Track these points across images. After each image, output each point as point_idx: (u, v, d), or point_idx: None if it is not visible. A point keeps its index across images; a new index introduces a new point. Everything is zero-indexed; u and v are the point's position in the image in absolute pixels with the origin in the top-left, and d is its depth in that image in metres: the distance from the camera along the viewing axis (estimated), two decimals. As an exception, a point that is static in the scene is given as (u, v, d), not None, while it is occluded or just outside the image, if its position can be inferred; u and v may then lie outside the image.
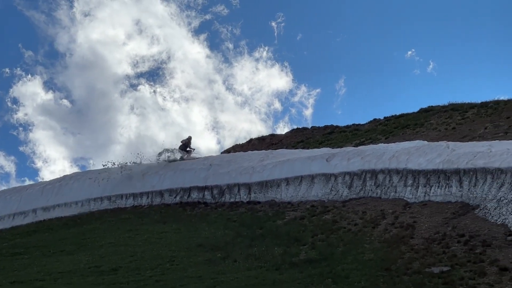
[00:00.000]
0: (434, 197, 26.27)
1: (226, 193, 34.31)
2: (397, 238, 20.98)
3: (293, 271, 18.03)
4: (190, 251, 22.00)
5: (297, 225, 25.58)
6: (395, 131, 43.56)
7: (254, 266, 19.11)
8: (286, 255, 20.18)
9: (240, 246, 22.34)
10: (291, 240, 22.69)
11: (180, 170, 37.64)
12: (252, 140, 53.52)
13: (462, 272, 16.32)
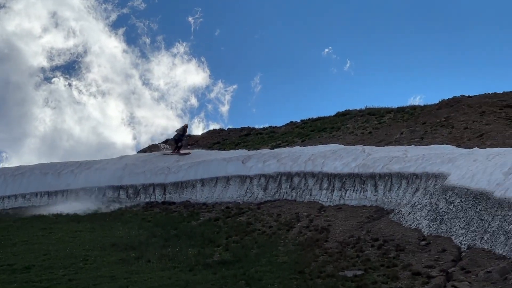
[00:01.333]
0: (349, 201, 26.95)
1: (141, 193, 34.52)
2: (311, 241, 21.34)
3: (207, 272, 18.13)
4: (104, 251, 21.94)
5: (211, 226, 25.83)
6: (311, 134, 44.27)
7: (167, 267, 19.18)
8: (200, 256, 20.31)
9: (154, 246, 22.40)
10: (205, 241, 22.88)
11: (95, 169, 37.45)
12: (168, 140, 53.53)
13: (375, 276, 16.75)
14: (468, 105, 38.67)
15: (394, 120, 41.47)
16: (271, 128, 51.06)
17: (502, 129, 33.40)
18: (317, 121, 48.49)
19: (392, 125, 40.11)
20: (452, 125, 35.90)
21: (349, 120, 45.20)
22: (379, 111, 45.30)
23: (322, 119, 48.55)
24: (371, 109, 46.57)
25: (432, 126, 36.84)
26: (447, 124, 36.45)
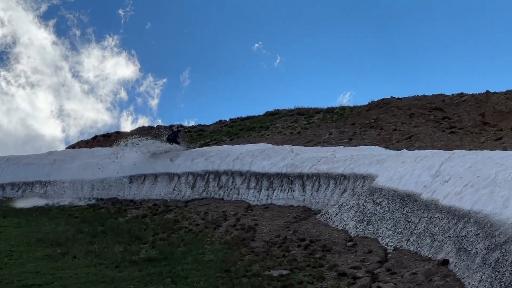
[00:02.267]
0: (277, 200, 27.20)
1: (69, 189, 34.56)
2: (238, 240, 21.35)
3: (133, 269, 17.94)
4: (29, 246, 21.70)
5: (138, 223, 25.76)
6: (240, 133, 44.65)
7: (93, 263, 18.98)
8: (127, 253, 20.15)
9: (81, 242, 22.23)
10: (132, 238, 22.78)
11: (23, 164, 37.46)
12: (97, 136, 53.49)
13: (301, 276, 16.79)
14: (397, 107, 39.43)
15: (323, 120, 41.88)
16: (200, 126, 51.36)
17: (430, 131, 34.18)
18: (246, 120, 48.75)
19: (321, 125, 40.51)
20: (381, 127, 36.50)
21: (278, 119, 45.50)
22: (308, 111, 45.73)
23: (251, 118, 48.83)
24: (300, 109, 46.99)
25: (361, 127, 37.36)
26: (376, 125, 37.02)
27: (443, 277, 15.15)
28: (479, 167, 17.69)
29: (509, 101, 37.90)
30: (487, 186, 15.81)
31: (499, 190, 15.06)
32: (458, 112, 38.13)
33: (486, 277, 13.44)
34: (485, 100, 39.19)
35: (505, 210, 13.98)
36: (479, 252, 14.27)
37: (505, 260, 12.93)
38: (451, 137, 32.61)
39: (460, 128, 34.91)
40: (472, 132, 34.00)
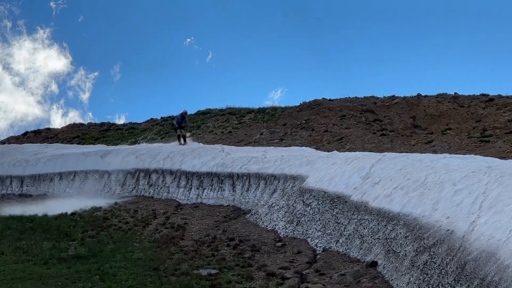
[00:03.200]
0: (207, 199, 26.92)
1: None
2: (167, 238, 20.96)
3: (61, 266, 17.50)
4: (-45, 243, 20.99)
5: (67, 220, 25.09)
6: (171, 132, 44.11)
7: (21, 260, 18.50)
8: (55, 250, 19.63)
9: (9, 238, 21.67)
10: (60, 235, 22.19)
11: None
12: (27, 133, 52.87)
13: (230, 275, 16.57)
14: (329, 108, 39.64)
15: (254, 120, 41.88)
16: (131, 124, 51.32)
17: (361, 133, 34.44)
18: None
19: (252, 125, 40.49)
20: (312, 128, 36.60)
21: (210, 119, 45.45)
22: (240, 111, 45.78)
23: None
24: (232, 108, 47.02)
25: (292, 128, 37.41)
26: (307, 126, 37.12)
27: (372, 278, 15.06)
28: (409, 169, 17.71)
29: (440, 104, 38.55)
30: (417, 188, 15.80)
31: (429, 193, 15.05)
32: (390, 115, 38.58)
33: (414, 279, 13.37)
34: (416, 103, 39.74)
35: (434, 213, 13.95)
36: (408, 254, 14.20)
37: (433, 263, 12.88)
38: (382, 139, 32.91)
39: (391, 130, 35.30)
40: (403, 134, 34.41)
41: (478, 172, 14.95)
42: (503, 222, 11.24)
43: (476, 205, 12.73)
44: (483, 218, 12.02)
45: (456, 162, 17.54)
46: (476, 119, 35.30)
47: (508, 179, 13.29)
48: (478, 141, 30.11)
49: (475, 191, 13.45)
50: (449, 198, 14.01)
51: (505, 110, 35.36)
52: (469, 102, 38.55)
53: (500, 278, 10.20)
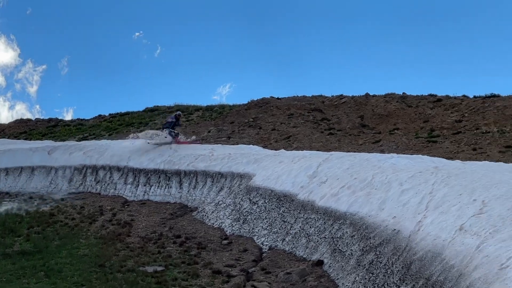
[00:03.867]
0: (154, 196, 26.56)
1: None
2: (113, 235, 20.56)
3: (6, 262, 17.10)
4: None
5: (13, 216, 24.51)
6: (119, 128, 43.89)
7: (-35, 256, 17.99)
8: (0, 246, 19.19)
9: (-46, 234, 20.91)
10: (6, 230, 21.67)
11: None
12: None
13: (176, 272, 16.29)
14: (276, 107, 39.52)
15: (202, 118, 41.61)
16: (79, 120, 50.87)
17: (309, 132, 34.36)
18: (125, 115, 48.42)
19: (200, 123, 40.22)
20: (260, 126, 36.44)
21: (157, 116, 45.06)
22: (188, 108, 45.51)
23: (131, 114, 48.58)
24: (180, 106, 46.73)
25: (240, 126, 37.19)
26: (255, 124, 36.95)
27: (317, 277, 14.87)
28: (356, 169, 17.56)
29: (388, 104, 38.72)
30: (363, 188, 15.65)
31: (376, 193, 14.92)
32: (337, 114, 38.61)
33: (360, 278, 13.22)
34: (364, 103, 39.84)
35: (380, 213, 13.81)
36: (354, 253, 14.04)
37: (379, 262, 12.73)
38: (329, 139, 32.86)
39: (339, 129, 35.31)
40: (350, 134, 34.42)
41: (425, 172, 14.86)
42: (449, 222, 11.14)
43: (423, 205, 12.62)
44: (429, 218, 11.91)
45: (403, 162, 17.45)
46: (424, 119, 35.53)
47: (454, 179, 13.23)
48: (425, 141, 30.27)
49: (422, 191, 13.36)
50: (396, 198, 13.90)
51: (453, 110, 35.69)
52: (417, 102, 38.81)
53: (445, 278, 10.08)
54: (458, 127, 32.25)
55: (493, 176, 12.66)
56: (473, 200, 11.42)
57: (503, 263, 8.68)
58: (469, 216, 10.84)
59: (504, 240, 9.29)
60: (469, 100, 37.17)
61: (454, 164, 16.75)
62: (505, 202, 10.65)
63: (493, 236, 9.67)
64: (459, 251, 10.10)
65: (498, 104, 33.78)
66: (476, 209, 10.94)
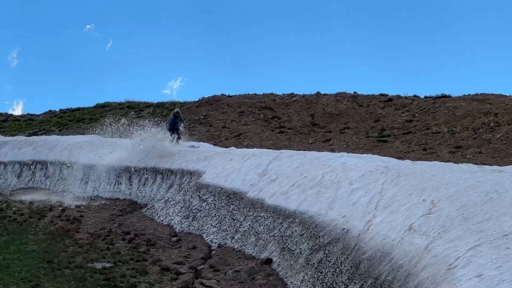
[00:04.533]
0: (103, 193, 26.36)
1: None
2: (62, 231, 20.09)
3: (-49, 259, 16.61)
4: None
5: (-42, 211, 23.92)
6: (69, 124, 43.55)
7: None
8: None
9: None
10: (-48, 226, 21.06)
11: None
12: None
13: (124, 269, 15.88)
14: (227, 104, 39.30)
15: (153, 114, 41.21)
16: (29, 115, 50.19)
17: (259, 130, 34.17)
18: (76, 111, 48.04)
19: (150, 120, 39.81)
20: (211, 123, 36.22)
21: (108, 112, 44.58)
22: (139, 105, 45.22)
23: (81, 110, 48.20)
24: (130, 102, 46.41)
25: (191, 123, 36.93)
26: (205, 122, 36.74)
27: (266, 276, 14.61)
28: (306, 167, 17.34)
29: (339, 103, 38.71)
30: (313, 187, 15.42)
31: (325, 191, 14.70)
32: (288, 112, 38.49)
33: (308, 277, 12.99)
34: (315, 102, 39.78)
35: (330, 212, 13.59)
36: (303, 252, 13.80)
37: (328, 261, 12.51)
38: (280, 137, 32.70)
39: (290, 128, 35.18)
40: (301, 132, 34.30)
41: (375, 171, 14.70)
42: (398, 222, 10.97)
43: (372, 205, 12.42)
44: (378, 218, 11.71)
45: (353, 161, 17.29)
46: (374, 118, 35.63)
47: (404, 179, 13.08)
48: (376, 140, 30.32)
49: (372, 190, 13.16)
50: (346, 197, 13.68)
51: (403, 110, 35.85)
52: (368, 101, 38.91)
53: (393, 278, 9.90)
54: (408, 127, 32.42)
55: (442, 177, 12.55)
56: (422, 200, 11.26)
57: (451, 263, 8.51)
58: (418, 216, 10.67)
59: (453, 240, 9.12)
60: (420, 100, 37.38)
61: (404, 164, 16.65)
62: (454, 202, 10.52)
63: (441, 236, 9.50)
64: (407, 251, 9.92)
65: (448, 105, 34.05)
66: (425, 209, 10.78)
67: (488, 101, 33.04)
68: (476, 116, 31.19)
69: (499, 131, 27.93)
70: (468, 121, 30.82)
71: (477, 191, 10.76)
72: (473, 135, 28.49)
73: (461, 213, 9.93)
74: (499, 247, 8.01)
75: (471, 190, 10.94)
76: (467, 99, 34.37)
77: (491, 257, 7.77)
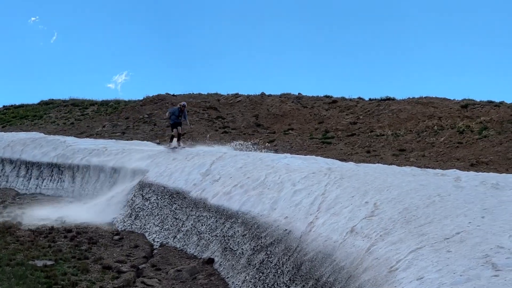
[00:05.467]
0: (46, 190, 25.82)
1: None
2: (3, 228, 19.48)
3: None
4: None
5: None
6: (13, 120, 42.67)
7: None
8: None
9: None
10: None
11: None
12: None
13: (66, 267, 15.35)
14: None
15: (97, 113, 40.64)
16: None
17: (203, 130, 33.86)
18: (19, 108, 47.00)
19: (95, 117, 39.30)
20: (155, 122, 35.85)
21: (52, 109, 43.74)
22: (83, 102, 44.62)
23: (25, 106, 47.22)
24: (75, 100, 45.79)
25: (135, 121, 36.48)
26: (149, 121, 36.38)
27: (208, 275, 14.30)
28: (249, 168, 17.10)
29: (283, 104, 38.59)
30: (256, 187, 15.19)
31: (268, 192, 14.47)
32: (233, 113, 38.25)
33: (250, 277, 12.70)
34: (260, 102, 39.64)
35: (272, 212, 13.35)
36: (245, 252, 13.51)
37: (270, 262, 12.24)
38: (224, 137, 32.38)
39: (234, 128, 34.94)
40: (245, 133, 34.06)
41: (318, 173, 14.52)
42: (341, 223, 10.77)
43: (315, 206, 12.20)
44: (321, 219, 11.49)
45: (297, 162, 17.11)
46: (318, 120, 35.59)
47: (347, 181, 12.92)
48: (319, 142, 30.24)
49: (315, 192, 12.97)
50: (288, 198, 13.46)
51: (348, 112, 35.93)
52: (312, 103, 38.91)
53: (335, 279, 9.68)
54: (352, 129, 32.49)
55: (385, 179, 12.42)
56: (365, 203, 11.10)
57: (392, 266, 8.35)
58: (360, 218, 10.49)
59: (394, 243, 8.96)
60: (364, 102, 37.57)
61: (348, 166, 16.58)
62: (397, 205, 10.37)
63: (383, 239, 9.33)
64: (349, 253, 9.72)
65: (393, 108, 34.26)
66: (368, 212, 10.61)
67: (432, 104, 33.36)
68: (420, 119, 31.47)
69: (442, 134, 28.22)
70: (412, 124, 31.07)
71: (420, 194, 10.63)
72: (417, 138, 28.71)
73: (403, 216, 9.77)
74: (440, 250, 7.84)
75: (414, 193, 10.81)
76: (411, 102, 34.64)
77: (432, 260, 7.61)
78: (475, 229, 8.25)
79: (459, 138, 27.12)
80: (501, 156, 23.57)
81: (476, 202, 9.60)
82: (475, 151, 24.73)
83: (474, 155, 24.14)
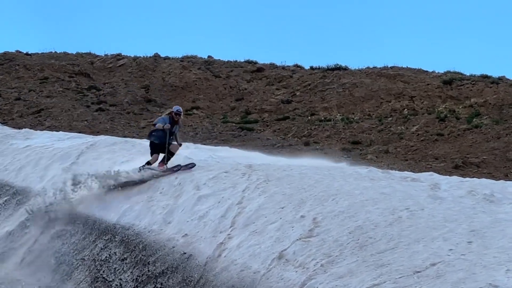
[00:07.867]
0: None
1: None
2: None
3: None
4: None
5: None
6: None
7: None
8: None
9: None
10: None
11: None
12: None
13: None
14: (25, 67, 38.46)
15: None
16: None
17: (69, 105, 33.47)
18: None
19: None
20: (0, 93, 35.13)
21: None
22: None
23: None
24: None
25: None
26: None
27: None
28: (135, 163, 16.89)
29: (186, 71, 38.30)
30: (144, 191, 15.19)
31: (161, 198, 14.53)
32: (112, 82, 37.88)
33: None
34: (152, 68, 39.33)
35: (166, 227, 13.40)
36: (124, 285, 13.41)
37: None
38: (98, 117, 32.11)
39: (113, 104, 34.61)
40: (129, 111, 33.81)
41: (233, 172, 14.47)
42: (264, 246, 10.66)
43: (228, 220, 12.10)
44: (236, 239, 11.41)
45: (202, 156, 17.08)
46: (237, 96, 35.54)
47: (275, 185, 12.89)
48: (237, 128, 30.25)
49: (228, 199, 12.86)
50: (190, 207, 13.35)
51: (279, 86, 36.38)
52: (228, 71, 38.82)
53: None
54: (285, 111, 32.52)
55: (330, 184, 12.40)
56: (300, 217, 11.03)
57: (338, 311, 8.23)
58: (293, 239, 10.38)
59: (341, 277, 8.87)
60: (303, 72, 37.69)
61: (277, 163, 16.52)
62: (346, 222, 10.28)
63: (325, 271, 9.26)
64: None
65: (344, 81, 34.37)
66: (305, 230, 10.52)
67: (402, 78, 33.60)
68: (384, 99, 31.74)
69: (415, 122, 28.49)
70: (371, 106, 31.31)
71: (380, 207, 10.60)
72: (378, 125, 28.97)
73: (356, 238, 9.69)
74: (407, 289, 7.64)
75: (372, 205, 10.78)
76: (371, 73, 34.92)
77: (396, 304, 7.57)
78: (459, 260, 8.25)
79: (439, 128, 27.52)
80: (499, 155, 24.03)
81: (461, 221, 9.64)
82: (461, 147, 25.15)
83: (460, 152, 24.53)
